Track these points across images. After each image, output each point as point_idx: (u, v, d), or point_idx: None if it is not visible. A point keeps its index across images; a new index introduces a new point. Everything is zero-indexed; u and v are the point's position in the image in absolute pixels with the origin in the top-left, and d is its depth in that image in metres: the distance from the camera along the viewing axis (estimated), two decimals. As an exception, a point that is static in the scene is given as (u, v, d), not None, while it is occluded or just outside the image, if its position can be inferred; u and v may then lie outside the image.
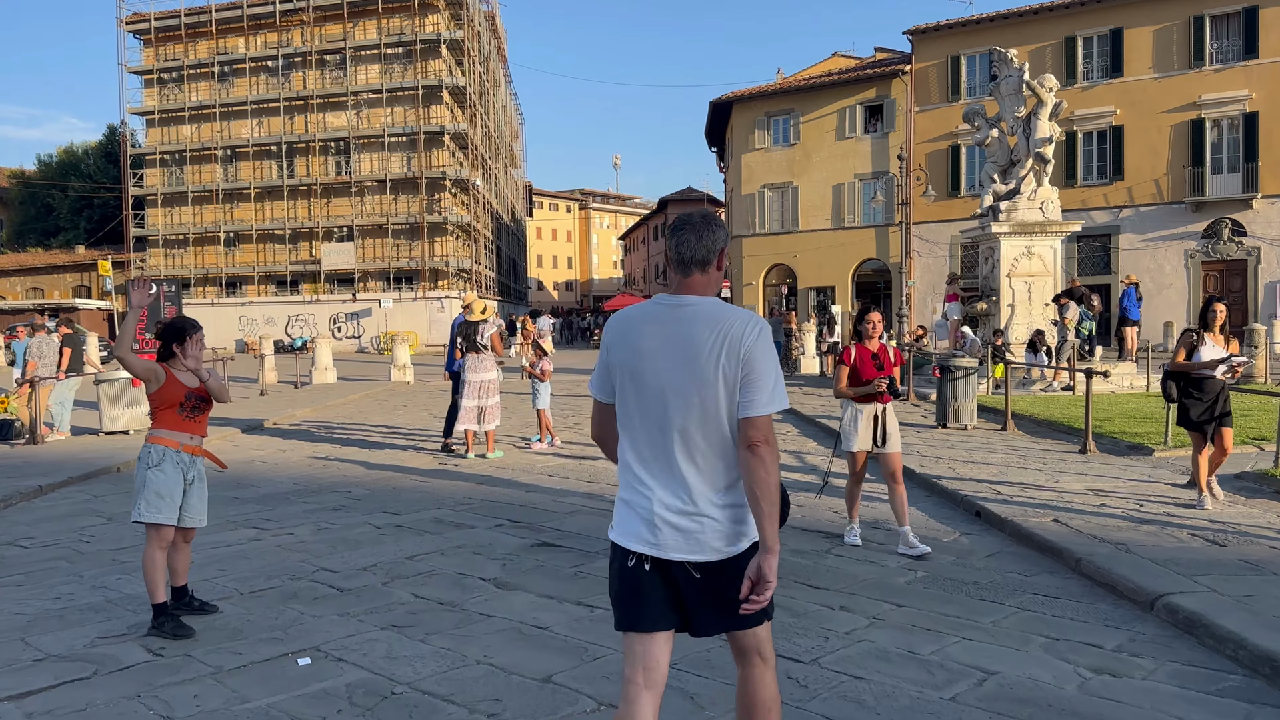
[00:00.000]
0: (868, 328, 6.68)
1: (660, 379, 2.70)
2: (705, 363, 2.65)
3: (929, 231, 37.06)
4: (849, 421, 6.76)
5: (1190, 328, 7.79)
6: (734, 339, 2.65)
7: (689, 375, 2.66)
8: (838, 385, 6.75)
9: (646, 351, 2.73)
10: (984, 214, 19.15)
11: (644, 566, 2.71)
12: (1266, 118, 31.31)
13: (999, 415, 13.98)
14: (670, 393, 2.68)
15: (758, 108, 40.78)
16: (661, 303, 2.79)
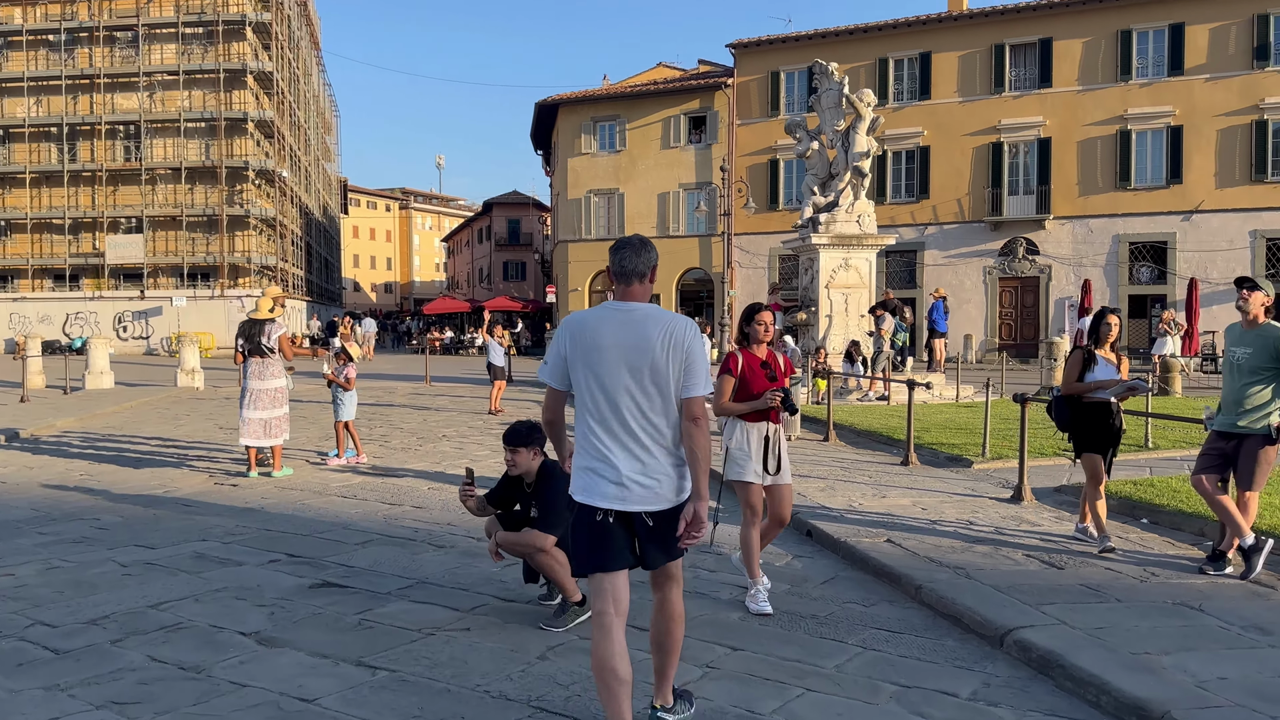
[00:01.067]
0: (758, 330, 5.52)
1: (620, 368, 3.37)
2: (657, 354, 3.37)
3: (749, 243, 37.60)
4: (737, 445, 5.47)
5: (1081, 345, 6.68)
6: (677, 336, 3.40)
7: (645, 364, 3.37)
8: (720, 400, 5.45)
9: (606, 346, 3.38)
10: (804, 225, 19.24)
11: (609, 519, 3.39)
12: (1058, 144, 33.48)
13: (821, 426, 13.84)
14: (630, 379, 3.37)
15: (584, 112, 40.29)
16: (612, 308, 3.48)
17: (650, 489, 3.39)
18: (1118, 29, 32.54)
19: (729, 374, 5.47)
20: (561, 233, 41.87)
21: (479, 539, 6.92)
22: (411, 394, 21.09)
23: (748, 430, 5.46)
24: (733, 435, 5.50)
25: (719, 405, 5.43)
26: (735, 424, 5.50)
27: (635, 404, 3.39)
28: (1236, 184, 31.20)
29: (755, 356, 5.53)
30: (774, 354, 5.63)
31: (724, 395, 5.47)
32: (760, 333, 5.52)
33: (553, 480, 5.17)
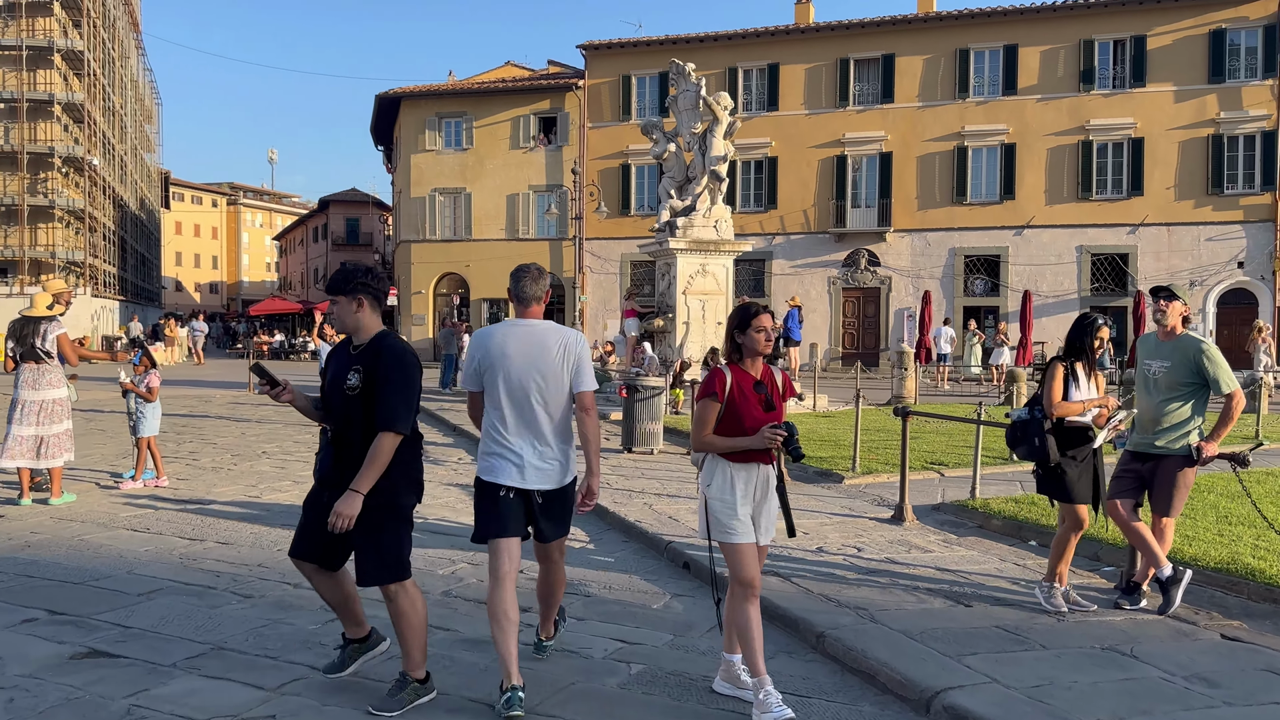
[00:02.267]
0: (756, 340, 4.12)
1: (526, 372, 4.19)
2: (555, 360, 4.22)
3: (601, 248, 36.90)
4: (719, 493, 4.11)
5: (1058, 356, 5.51)
6: (569, 346, 4.27)
7: (545, 368, 4.20)
8: (700, 432, 4.15)
9: (512, 355, 4.20)
10: (661, 229, 18.61)
11: (509, 496, 4.18)
12: (899, 158, 34.31)
13: (682, 437, 13.14)
14: (532, 381, 4.19)
15: (428, 107, 38.62)
16: (514, 324, 4.31)
17: (544, 471, 4.19)
18: (956, 48, 33.65)
19: (712, 398, 4.13)
20: (404, 232, 40.00)
21: (295, 584, 5.75)
22: (231, 404, 19.20)
23: (731, 473, 4.12)
24: (712, 479, 4.16)
25: (698, 439, 4.19)
26: (715, 464, 4.16)
27: (535, 402, 4.16)
28: (1065, 201, 32.74)
29: (747, 375, 4.18)
30: (771, 371, 4.29)
31: (706, 426, 4.14)
32: (758, 343, 4.14)
33: (394, 356, 4.04)
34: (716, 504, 4.12)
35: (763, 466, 4.18)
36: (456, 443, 13.28)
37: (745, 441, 4.06)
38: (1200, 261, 31.50)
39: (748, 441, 4.05)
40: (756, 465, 4.15)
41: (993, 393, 21.42)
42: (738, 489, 4.13)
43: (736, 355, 4.22)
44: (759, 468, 4.17)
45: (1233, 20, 30.81)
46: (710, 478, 4.17)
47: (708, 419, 4.15)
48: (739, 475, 4.13)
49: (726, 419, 4.12)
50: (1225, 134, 30.97)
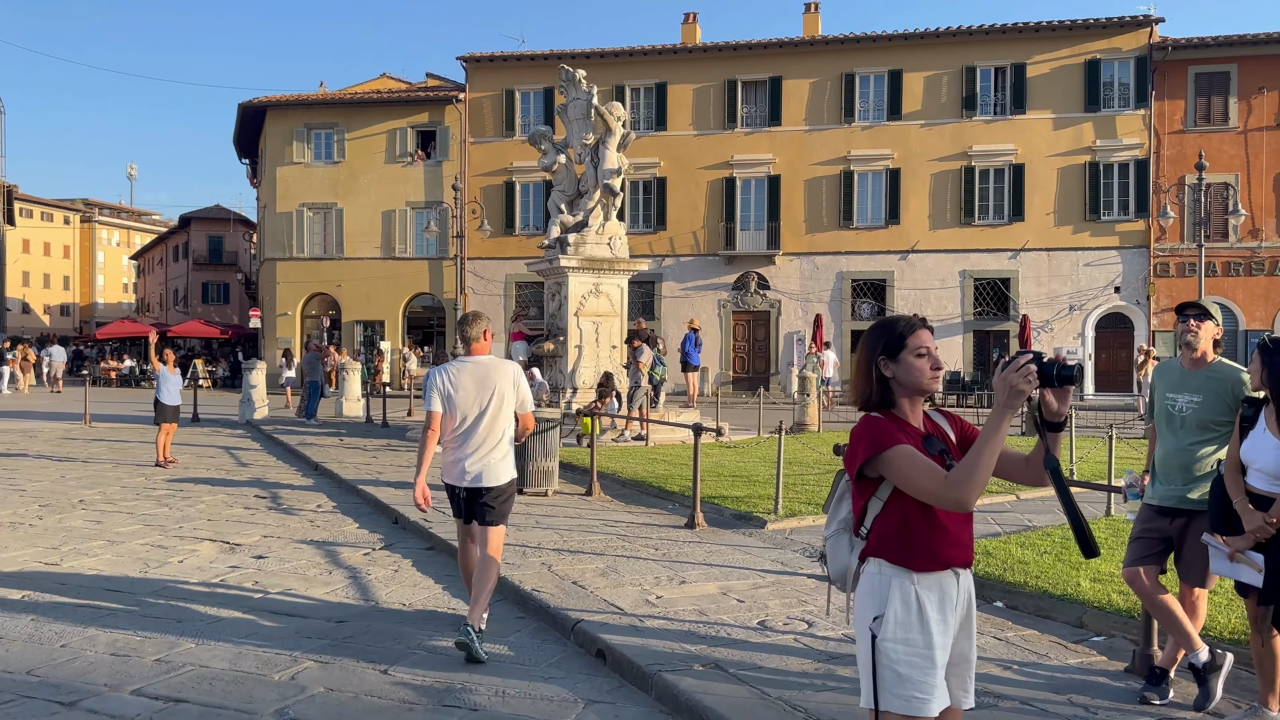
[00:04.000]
0: (919, 368, 2.73)
1: (478, 399, 5.39)
2: (503, 388, 5.44)
3: (484, 268, 35.29)
4: (901, 631, 2.62)
5: (1256, 395, 4.16)
6: (515, 377, 5.55)
7: (492, 394, 5.41)
8: (928, 486, 2.55)
9: (465, 385, 5.38)
10: (551, 246, 17.31)
11: (461, 494, 5.47)
12: (787, 181, 33.97)
13: (579, 473, 11.82)
14: (485, 405, 5.39)
15: (297, 117, 36.33)
16: (466, 360, 5.50)
17: (489, 472, 5.43)
18: (842, 72, 33.59)
19: (900, 452, 2.59)
20: (269, 249, 37.44)
21: (70, 703, 4.17)
22: (61, 439, 16.87)
23: (917, 594, 2.62)
24: (884, 607, 2.62)
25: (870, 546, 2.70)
26: (888, 581, 2.63)
27: (485, 421, 5.42)
28: (948, 226, 32.94)
29: (910, 426, 2.73)
30: (935, 419, 2.85)
31: (919, 478, 2.55)
32: (923, 374, 2.72)
33: None
34: (897, 650, 2.60)
35: (963, 574, 2.71)
36: (317, 484, 11.58)
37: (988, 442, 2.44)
38: (1079, 286, 32.10)
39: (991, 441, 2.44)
40: (954, 573, 2.68)
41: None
42: (930, 620, 2.61)
43: (882, 397, 2.75)
44: (959, 576, 2.70)
45: (1107, 51, 31.66)
46: (879, 605, 2.63)
47: (915, 474, 2.55)
48: (929, 596, 2.63)
49: (895, 504, 2.67)
50: (1101, 161, 31.73)
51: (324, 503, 10.19)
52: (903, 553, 2.64)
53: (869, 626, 2.65)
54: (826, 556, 2.87)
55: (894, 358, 2.75)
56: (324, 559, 7.42)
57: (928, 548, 2.64)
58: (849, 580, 2.79)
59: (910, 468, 2.58)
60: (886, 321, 2.85)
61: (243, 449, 15.62)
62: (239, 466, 13.30)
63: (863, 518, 2.73)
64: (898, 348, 2.76)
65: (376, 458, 13.65)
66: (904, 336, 2.76)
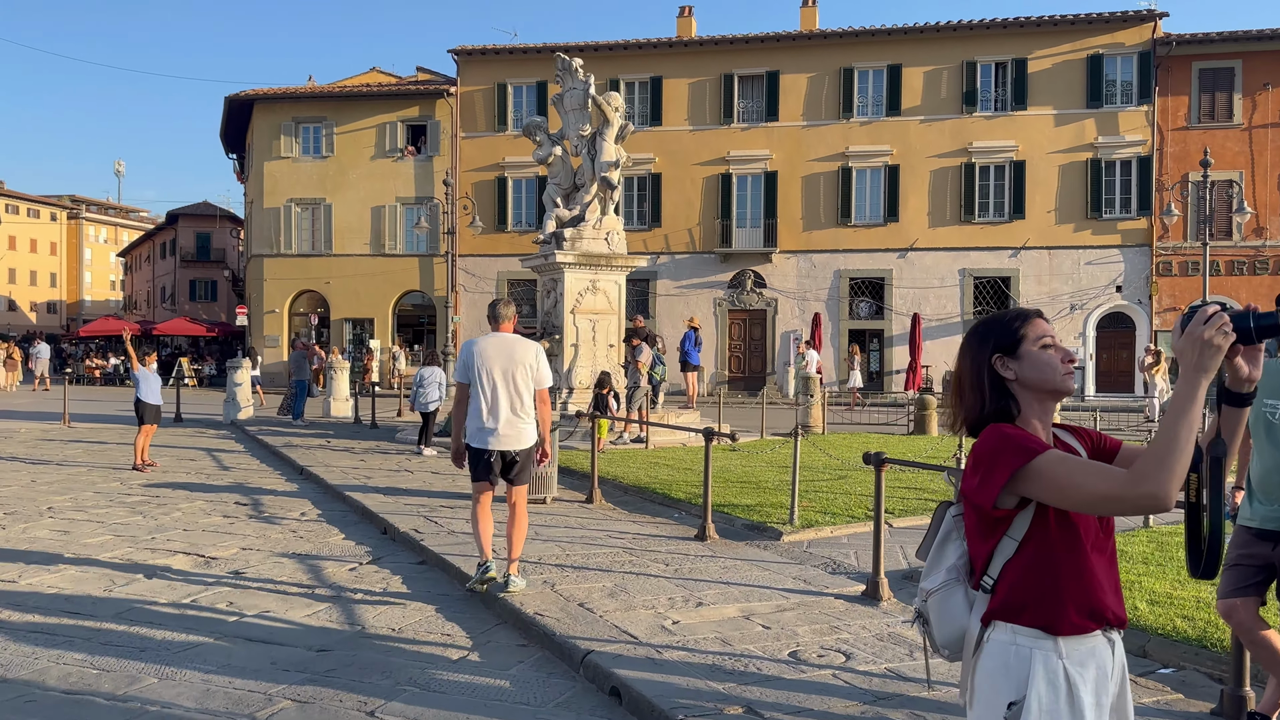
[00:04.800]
0: (1048, 361, 2.15)
1: (504, 368, 5.97)
2: (524, 362, 6.03)
3: (475, 265, 34.67)
4: (1048, 715, 1.98)
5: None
6: (535, 352, 6.14)
7: (517, 366, 5.99)
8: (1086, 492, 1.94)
9: (492, 357, 5.97)
10: (546, 241, 16.72)
11: (489, 458, 5.98)
12: (784, 178, 33.43)
13: (578, 479, 11.26)
14: (509, 375, 5.98)
15: (285, 111, 35.64)
16: (492, 337, 6.11)
17: (514, 438, 6.00)
18: (840, 66, 33.07)
19: (1053, 458, 1.99)
20: (257, 246, 36.73)
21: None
22: (38, 440, 16.22)
23: (1065, 671, 2.01)
24: (1028, 688, 2.01)
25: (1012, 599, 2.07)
26: (1026, 652, 2.03)
27: (508, 391, 5.98)
28: (948, 224, 32.45)
29: (1062, 443, 2.21)
30: (1066, 429, 2.27)
31: (1092, 482, 1.94)
32: (1053, 370, 2.15)
33: None
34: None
35: (1117, 639, 2.11)
36: (301, 490, 10.97)
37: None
38: (1080, 285, 31.66)
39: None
40: (1107, 638, 2.08)
41: (900, 419, 20.27)
42: (1084, 706, 2.00)
43: (999, 408, 2.15)
44: (1113, 643, 2.10)
45: (1109, 47, 31.21)
46: (1016, 688, 2.02)
47: (1096, 480, 1.92)
48: (1081, 673, 2.02)
49: (1036, 543, 2.05)
50: (1103, 158, 31.28)
51: (308, 510, 9.59)
52: (1047, 611, 2.04)
53: (1003, 717, 2.04)
54: (928, 617, 2.21)
55: (1013, 354, 2.16)
56: (306, 575, 6.83)
57: (1079, 599, 2.04)
58: (968, 650, 2.16)
59: (1074, 473, 1.95)
60: (991, 317, 2.27)
61: (225, 451, 15.00)
62: (220, 470, 12.69)
63: (987, 564, 2.11)
64: (1015, 341, 2.17)
65: (365, 461, 13.05)
66: (1020, 327, 2.19)
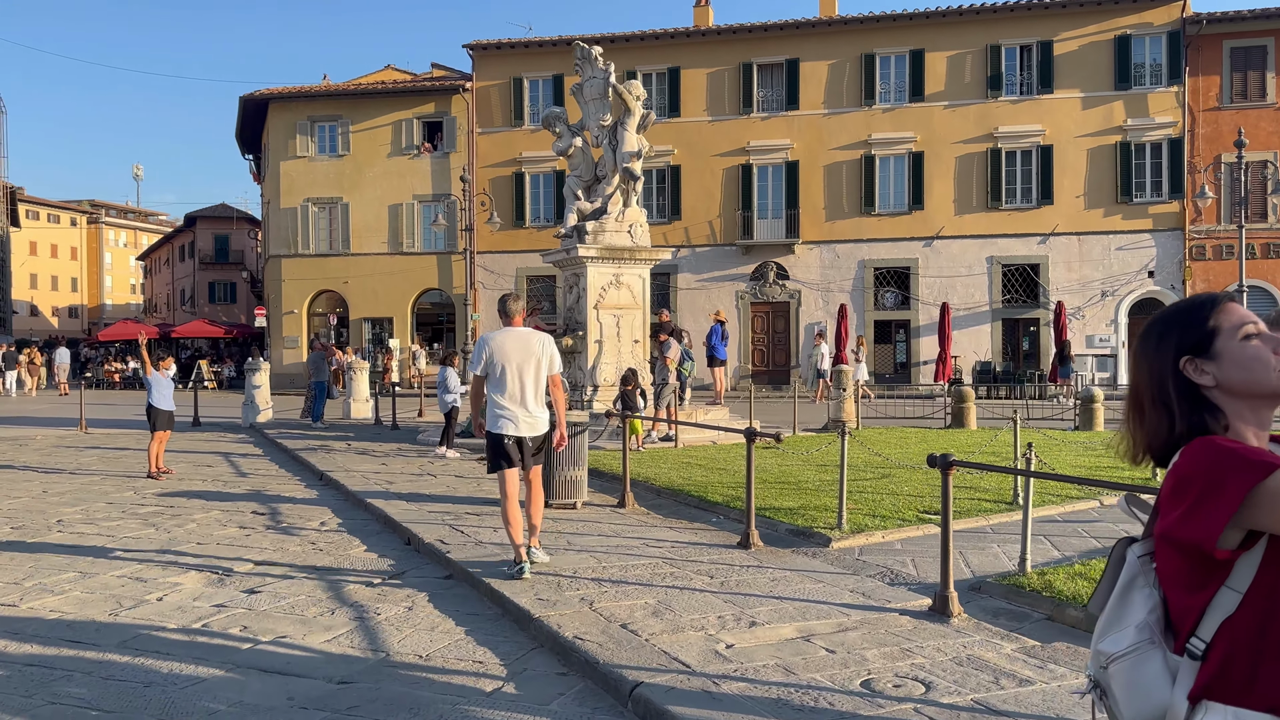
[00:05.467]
0: (1255, 354, 1.67)
1: (520, 360, 6.46)
2: (537, 352, 6.53)
3: (493, 262, 34.25)
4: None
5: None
6: (546, 344, 6.63)
7: (531, 357, 6.50)
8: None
9: (510, 349, 6.45)
10: (568, 235, 16.24)
11: (509, 441, 6.45)
12: (805, 167, 32.82)
13: (607, 481, 10.80)
14: (524, 365, 6.47)
15: (300, 110, 35.35)
16: (507, 331, 6.64)
17: (531, 424, 6.54)
18: (861, 53, 32.42)
19: (1272, 476, 1.48)
20: (274, 246, 36.47)
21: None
22: (54, 446, 15.91)
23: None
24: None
25: None
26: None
27: (525, 379, 6.48)
28: (974, 211, 31.76)
29: None
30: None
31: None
32: (1261, 364, 1.66)
33: None
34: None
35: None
36: (321, 497, 10.55)
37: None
38: (1111, 271, 30.91)
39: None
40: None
41: (935, 411, 19.67)
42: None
43: (1193, 424, 1.68)
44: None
45: (1137, 27, 30.42)
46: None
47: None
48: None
49: (1267, 594, 1.54)
50: (1133, 141, 30.51)
51: (328, 519, 9.16)
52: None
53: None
54: (1109, 688, 1.68)
55: (1206, 353, 1.69)
56: (326, 593, 6.39)
57: None
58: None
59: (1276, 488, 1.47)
60: (1170, 309, 1.77)
61: (243, 456, 14.64)
62: (238, 477, 12.30)
63: (1198, 623, 1.60)
64: (1206, 336, 1.69)
65: (386, 464, 12.63)
66: (1210, 318, 1.70)
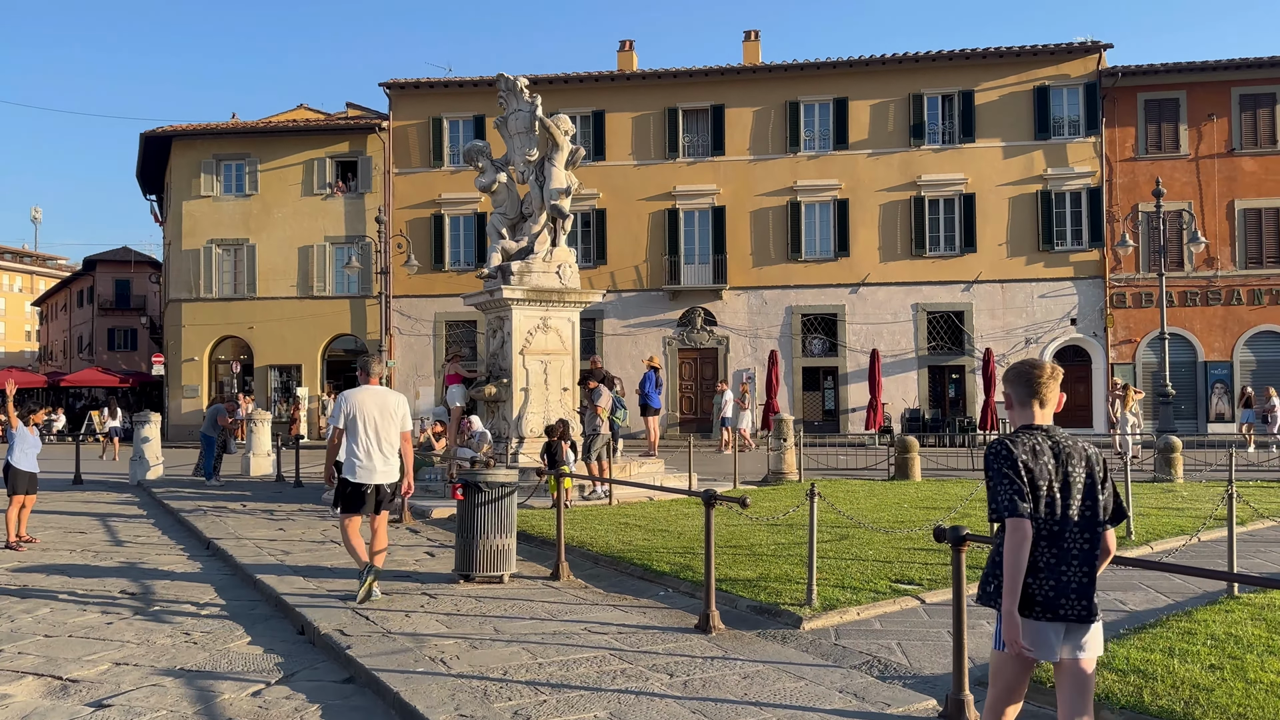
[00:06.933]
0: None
1: (376, 415, 7.31)
2: (394, 411, 7.43)
3: (410, 306, 32.86)
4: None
5: None
6: (401, 402, 7.58)
7: (387, 414, 7.37)
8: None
9: (368, 406, 7.31)
10: (492, 275, 15.18)
11: (364, 490, 7.31)
12: (732, 213, 32.40)
13: (537, 545, 9.67)
14: (380, 421, 7.32)
15: (205, 148, 33.65)
16: (366, 389, 7.46)
17: (384, 474, 7.35)
18: (786, 100, 32.30)
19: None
20: (174, 290, 34.43)
21: None
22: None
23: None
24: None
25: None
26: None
27: (380, 434, 7.32)
28: (899, 258, 31.66)
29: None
30: None
31: None
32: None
33: None
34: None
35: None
36: (205, 570, 9.14)
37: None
38: (1035, 318, 31.04)
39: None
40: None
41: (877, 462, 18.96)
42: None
43: None
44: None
45: (1055, 79, 30.94)
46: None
47: None
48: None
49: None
50: (1053, 190, 30.86)
51: (210, 600, 7.80)
52: None
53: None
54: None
55: None
56: (194, 706, 5.11)
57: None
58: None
59: None
60: None
61: (124, 519, 13.02)
62: (112, 546, 10.77)
63: None
64: None
65: (284, 529, 11.23)
66: None
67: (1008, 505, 3.28)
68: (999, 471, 3.36)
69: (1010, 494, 3.28)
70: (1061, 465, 3.38)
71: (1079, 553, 3.33)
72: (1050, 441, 3.44)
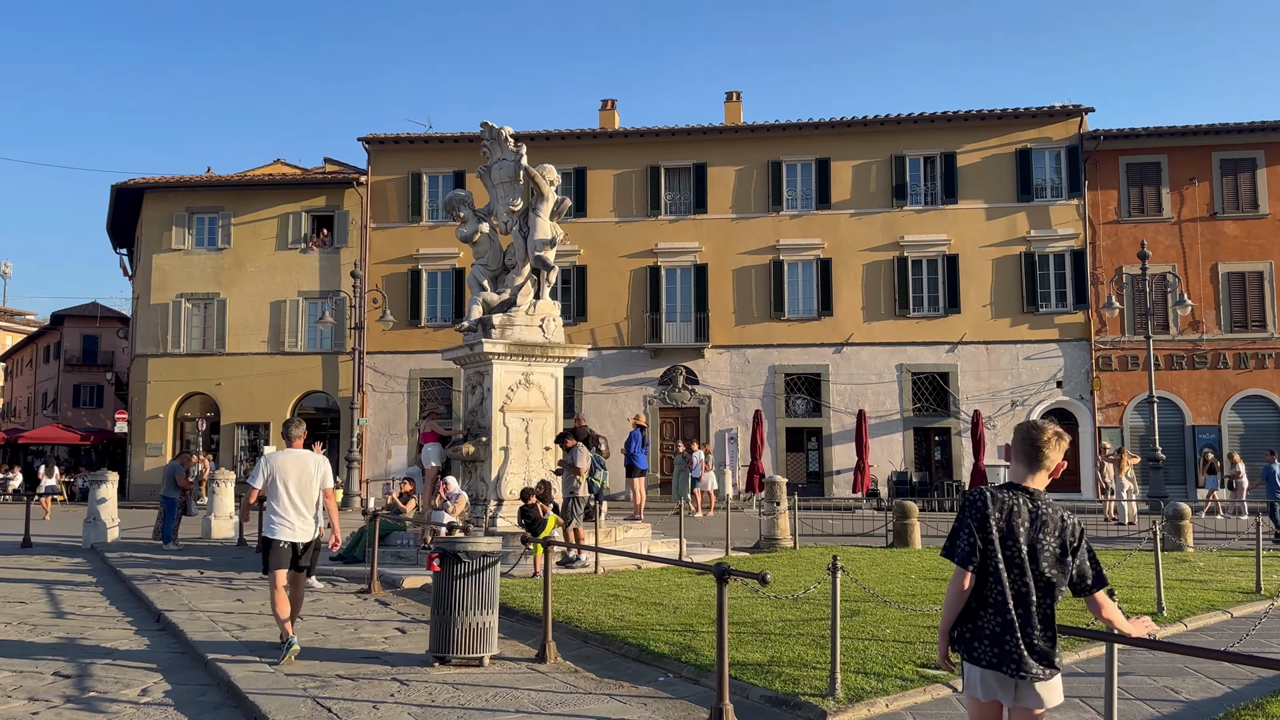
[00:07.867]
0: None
1: (298, 478, 7.60)
2: (313, 470, 7.70)
3: (385, 363, 32.04)
4: None
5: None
6: (321, 463, 7.82)
7: (307, 474, 7.65)
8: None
9: (289, 467, 7.58)
10: (472, 329, 14.52)
11: (284, 545, 7.46)
12: (715, 271, 32.02)
13: (519, 621, 8.84)
14: (301, 481, 7.60)
15: (177, 200, 33.01)
16: (288, 452, 7.76)
17: (305, 531, 7.58)
18: (768, 159, 32.19)
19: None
20: (141, 345, 33.44)
21: None
22: None
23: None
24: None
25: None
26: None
27: (301, 493, 7.59)
28: (883, 318, 31.32)
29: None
30: None
31: None
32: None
33: None
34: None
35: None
36: (152, 648, 8.22)
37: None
38: (1020, 381, 30.67)
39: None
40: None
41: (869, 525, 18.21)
42: None
43: None
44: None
45: (1037, 141, 31.04)
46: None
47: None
48: None
49: None
50: (1036, 252, 30.75)
51: (154, 686, 6.91)
52: None
53: None
54: None
55: None
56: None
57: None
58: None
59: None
60: None
61: (70, 588, 12.03)
62: (53, 619, 9.81)
63: None
64: None
65: (243, 600, 10.32)
66: None
67: (961, 555, 3.53)
68: (966, 520, 3.56)
69: (967, 544, 3.52)
70: (1034, 530, 3.53)
71: (1043, 617, 3.50)
72: (1031, 505, 3.56)
